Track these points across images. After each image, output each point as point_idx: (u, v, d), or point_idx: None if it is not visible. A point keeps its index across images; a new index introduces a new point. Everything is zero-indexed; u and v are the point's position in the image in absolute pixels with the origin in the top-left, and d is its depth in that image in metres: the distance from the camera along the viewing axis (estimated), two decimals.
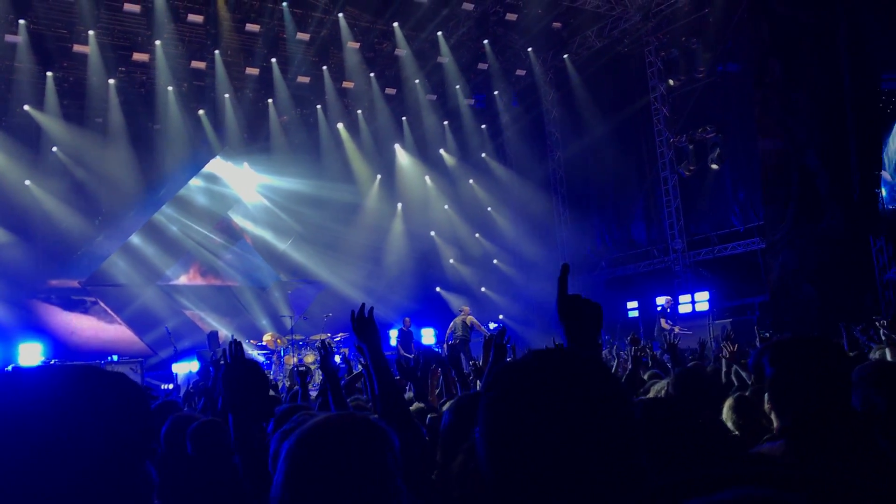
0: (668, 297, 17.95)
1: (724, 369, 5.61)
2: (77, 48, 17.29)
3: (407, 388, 5.25)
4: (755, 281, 17.64)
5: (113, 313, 19.18)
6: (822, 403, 2.13)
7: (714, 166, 18.73)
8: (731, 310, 17.93)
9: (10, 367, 13.98)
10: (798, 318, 14.28)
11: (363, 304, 3.13)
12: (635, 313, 19.16)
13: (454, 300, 22.59)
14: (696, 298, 17.96)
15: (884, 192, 15.24)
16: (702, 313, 17.48)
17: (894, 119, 15.85)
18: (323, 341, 5.01)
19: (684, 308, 17.94)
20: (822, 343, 2.29)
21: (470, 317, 17.16)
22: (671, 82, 19.76)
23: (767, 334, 8.05)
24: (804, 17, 15.02)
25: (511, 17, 19.65)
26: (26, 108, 17.87)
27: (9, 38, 16.51)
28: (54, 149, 18.28)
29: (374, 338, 3.04)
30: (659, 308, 17.78)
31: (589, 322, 2.08)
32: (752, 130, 16.78)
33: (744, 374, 5.32)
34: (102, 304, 19.18)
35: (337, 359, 15.08)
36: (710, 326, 16.25)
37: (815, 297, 14.37)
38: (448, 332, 17.10)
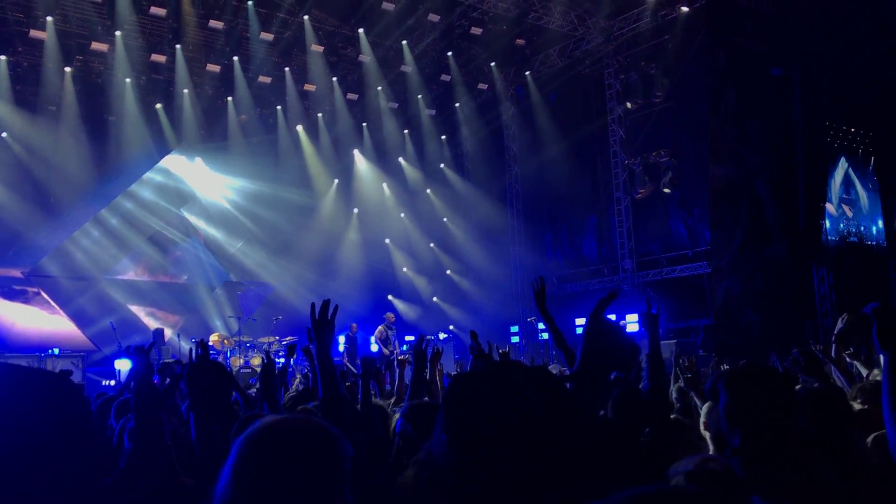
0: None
1: (673, 393, 5.76)
2: (34, 34, 16.93)
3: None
4: (701, 304, 18.02)
5: (56, 305, 18.75)
6: (770, 427, 2.31)
7: (666, 190, 19.12)
8: (675, 331, 18.27)
9: None
10: (740, 342, 14.63)
11: (327, 301, 3.09)
12: (580, 330, 19.39)
13: (405, 309, 22.61)
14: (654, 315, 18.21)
15: (827, 223, 15.73)
16: (636, 334, 17.75)
17: (840, 153, 16.39)
18: (267, 351, 5.02)
19: (631, 327, 18.20)
20: (772, 372, 2.50)
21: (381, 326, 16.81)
22: (629, 105, 20.15)
23: (718, 362, 8.23)
24: (759, 48, 15.49)
25: (476, 31, 19.83)
26: None
27: None
28: (4, 134, 17.87)
29: (327, 340, 3.04)
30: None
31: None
32: (704, 156, 17.20)
33: (697, 401, 5.44)
34: (45, 296, 18.74)
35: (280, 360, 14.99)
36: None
37: (756, 322, 14.74)
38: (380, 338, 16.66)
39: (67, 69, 17.98)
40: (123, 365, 15.12)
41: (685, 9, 18.19)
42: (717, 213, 16.30)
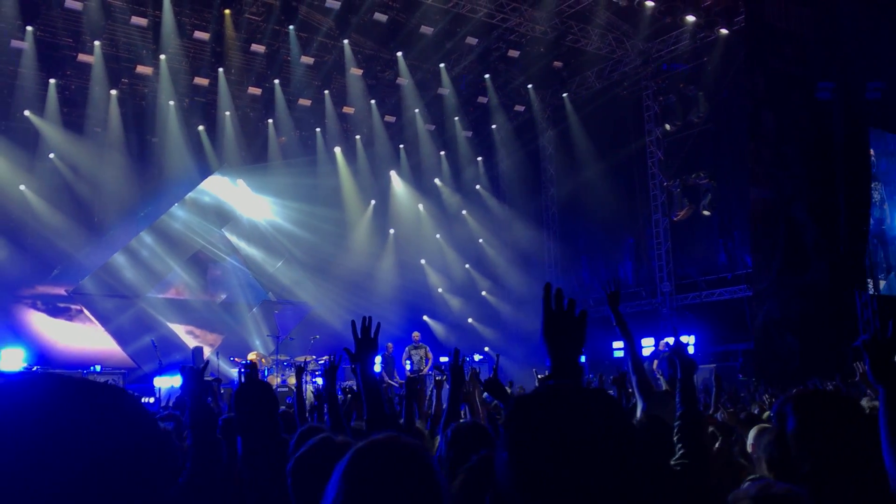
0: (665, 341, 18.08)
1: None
2: (82, 57, 17.42)
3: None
4: (741, 328, 17.76)
5: (98, 323, 19.10)
6: (843, 453, 2.26)
7: (706, 212, 18.95)
8: (715, 355, 18.03)
9: None
10: (781, 367, 14.39)
11: (369, 318, 3.12)
12: (621, 353, 19.19)
13: (440, 329, 22.62)
14: (682, 342, 17.99)
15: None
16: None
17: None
18: (301, 365, 5.08)
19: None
20: (840, 397, 2.45)
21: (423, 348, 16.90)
22: (667, 127, 20.05)
23: (756, 386, 8.14)
24: (798, 71, 15.34)
25: (513, 53, 19.93)
26: (27, 113, 17.94)
27: (15, 43, 16.62)
28: (51, 155, 18.33)
29: (370, 358, 3.08)
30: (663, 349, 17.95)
31: (571, 343, 2.16)
32: (744, 179, 17.02)
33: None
34: (87, 313, 19.10)
35: (319, 381, 15.08)
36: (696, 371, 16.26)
37: (797, 347, 14.49)
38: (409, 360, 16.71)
39: (113, 92, 18.43)
40: (163, 382, 15.35)
41: (724, 31, 18.11)
42: (756, 236, 16.11)
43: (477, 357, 20.24)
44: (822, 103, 14.82)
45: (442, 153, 23.30)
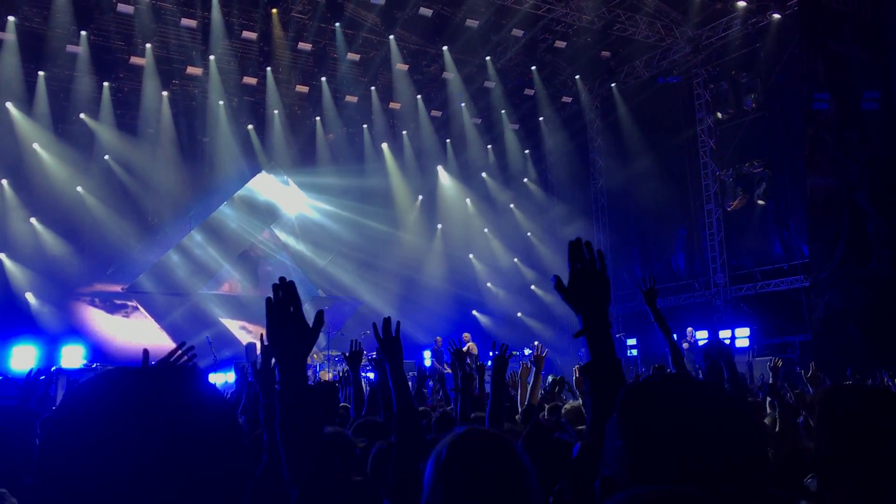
0: (690, 329, 17.79)
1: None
2: (134, 60, 17.74)
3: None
4: (797, 319, 17.35)
5: (153, 320, 19.46)
6: (858, 444, 2.24)
7: (760, 202, 18.53)
8: (770, 347, 17.63)
9: (53, 368, 14.26)
10: (842, 359, 14.00)
11: (388, 319, 3.14)
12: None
13: (489, 323, 22.54)
14: (737, 334, 17.68)
15: None
16: (741, 349, 17.20)
17: None
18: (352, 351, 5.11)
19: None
20: (868, 390, 2.46)
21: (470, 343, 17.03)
22: (719, 115, 19.64)
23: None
24: (858, 54, 14.89)
25: (560, 44, 19.73)
26: (82, 116, 18.35)
27: (70, 48, 17.00)
28: (106, 157, 18.72)
29: (397, 357, 3.08)
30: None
31: (599, 296, 2.22)
32: (799, 167, 16.60)
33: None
34: (143, 310, 19.48)
35: (370, 375, 15.14)
36: (751, 363, 15.97)
37: (859, 339, 14.08)
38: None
39: (164, 93, 18.75)
40: (217, 378, 15.56)
41: (777, 16, 17.66)
42: (815, 225, 15.67)
43: (527, 351, 20.11)
44: (884, 86, 14.34)
45: (489, 147, 23.20)
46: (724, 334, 17.66)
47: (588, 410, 2.17)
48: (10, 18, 16.31)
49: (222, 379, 15.23)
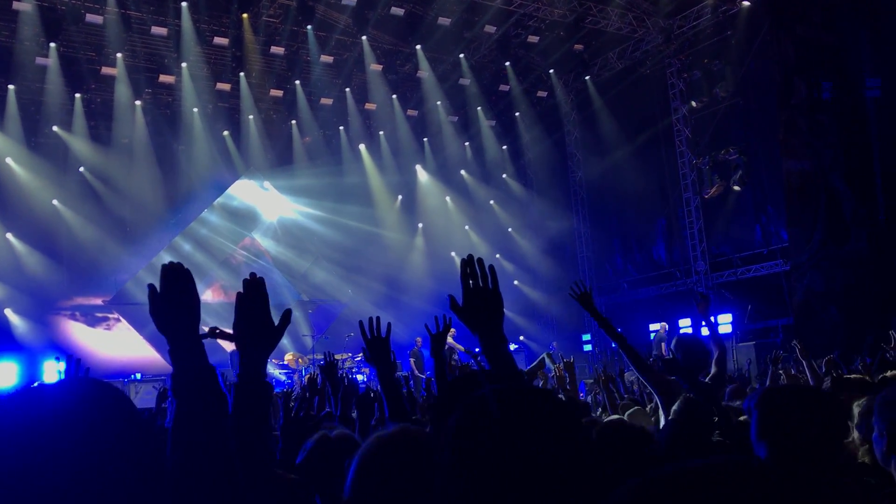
0: (664, 323, 17.97)
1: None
2: (105, 70, 17.59)
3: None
4: (779, 303, 17.48)
5: (135, 331, 19.31)
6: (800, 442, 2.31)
7: (737, 188, 18.67)
8: (754, 332, 17.77)
9: (35, 384, 14.13)
10: (825, 341, 14.13)
11: (376, 319, 3.08)
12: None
13: None
14: (719, 321, 17.80)
15: None
16: (724, 336, 17.30)
17: None
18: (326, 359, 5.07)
19: (707, 330, 17.78)
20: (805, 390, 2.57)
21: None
22: (693, 104, 19.77)
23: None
24: (827, 38, 15.02)
25: (533, 39, 19.77)
26: (55, 128, 18.17)
27: (39, 60, 16.81)
28: (81, 169, 18.55)
29: (385, 358, 3.06)
30: (654, 335, 17.95)
31: (492, 315, 2.20)
32: (775, 152, 16.73)
33: None
34: (125, 322, 19.32)
35: (360, 377, 15.13)
36: (734, 349, 16.08)
37: (841, 320, 14.22)
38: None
39: (137, 102, 18.59)
40: None
41: (747, 3, 17.79)
42: (792, 209, 15.80)
43: (512, 346, 20.14)
44: (854, 68, 14.48)
45: (466, 144, 23.21)
46: (724, 318, 17.74)
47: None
48: None
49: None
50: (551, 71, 21.72)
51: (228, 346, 18.99)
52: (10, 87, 17.15)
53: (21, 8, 15.75)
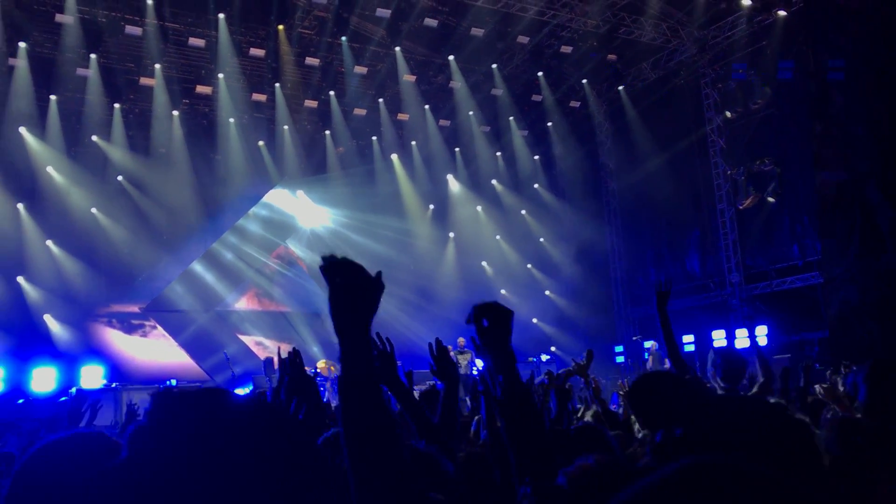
0: (654, 342, 17.97)
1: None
2: (144, 81, 17.95)
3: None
4: (815, 316, 17.24)
5: (171, 338, 19.59)
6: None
7: (771, 199, 18.47)
8: (789, 345, 17.52)
9: (73, 390, 14.39)
10: (861, 354, 13.89)
11: (439, 341, 3.19)
12: (691, 347, 18.82)
13: None
14: (755, 333, 17.57)
15: None
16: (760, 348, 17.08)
17: None
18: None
19: (741, 343, 17.59)
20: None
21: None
22: (728, 114, 19.60)
23: (834, 373, 7.84)
24: (864, 49, 14.82)
25: (566, 49, 19.78)
26: (94, 138, 18.54)
27: (80, 71, 17.22)
28: (119, 177, 18.89)
29: (393, 376, 3.15)
30: (648, 351, 18.01)
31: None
32: (810, 162, 16.53)
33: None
34: (161, 329, 19.61)
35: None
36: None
37: (878, 333, 13.98)
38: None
39: (175, 112, 18.92)
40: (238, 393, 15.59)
41: (782, 13, 17.64)
42: (826, 220, 15.58)
43: (544, 357, 20.10)
44: (890, 80, 14.27)
45: (498, 154, 23.24)
46: (741, 333, 17.57)
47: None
48: (21, 45, 16.55)
49: (241, 393, 15.29)
50: (584, 81, 21.69)
51: (262, 354, 19.21)
52: (52, 97, 17.55)
53: (63, 20, 16.16)
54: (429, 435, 3.02)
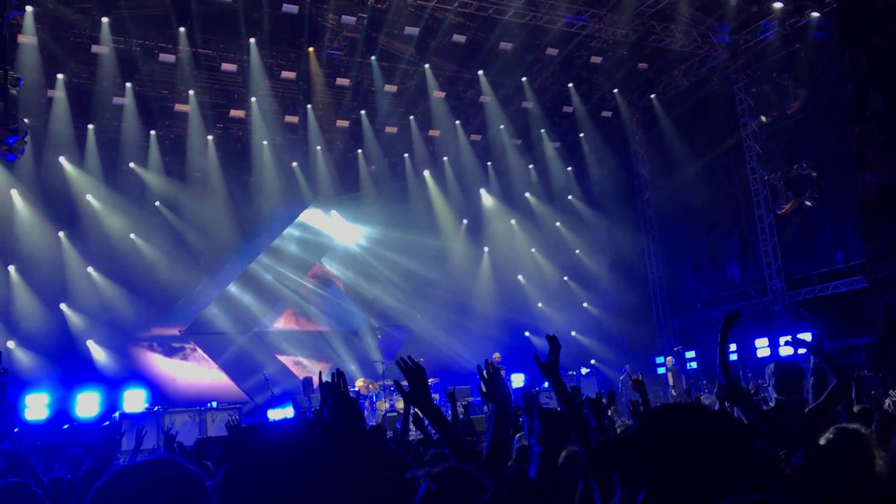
0: (671, 357, 18.31)
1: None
2: (178, 107, 18.22)
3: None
4: (860, 321, 16.85)
5: (211, 360, 19.75)
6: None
7: (809, 203, 18.14)
8: (835, 352, 17.13)
9: (116, 414, 14.55)
10: None
11: (409, 358, 3.15)
12: (734, 356, 18.49)
13: (544, 345, 22.31)
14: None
15: None
16: (804, 356, 16.70)
17: None
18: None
19: (786, 350, 17.23)
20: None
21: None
22: (763, 119, 19.32)
23: (884, 380, 7.63)
24: None
25: (595, 59, 19.67)
26: (132, 165, 18.84)
27: (116, 100, 17.54)
28: (157, 203, 19.16)
29: (425, 397, 3.10)
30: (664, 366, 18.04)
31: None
32: (850, 165, 16.21)
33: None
34: (201, 352, 19.79)
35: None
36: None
37: None
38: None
39: (209, 137, 19.17)
40: (276, 414, 15.69)
41: (815, 14, 17.37)
42: (868, 223, 15.23)
43: (584, 370, 19.90)
44: None
45: (531, 167, 23.16)
46: (784, 340, 17.16)
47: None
48: (60, 76, 16.89)
49: (281, 415, 15.35)
50: (615, 91, 21.55)
51: (300, 374, 19.28)
52: (90, 126, 17.90)
53: (99, 51, 16.48)
54: (464, 457, 2.97)
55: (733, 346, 18.49)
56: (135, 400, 16.54)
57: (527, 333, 22.64)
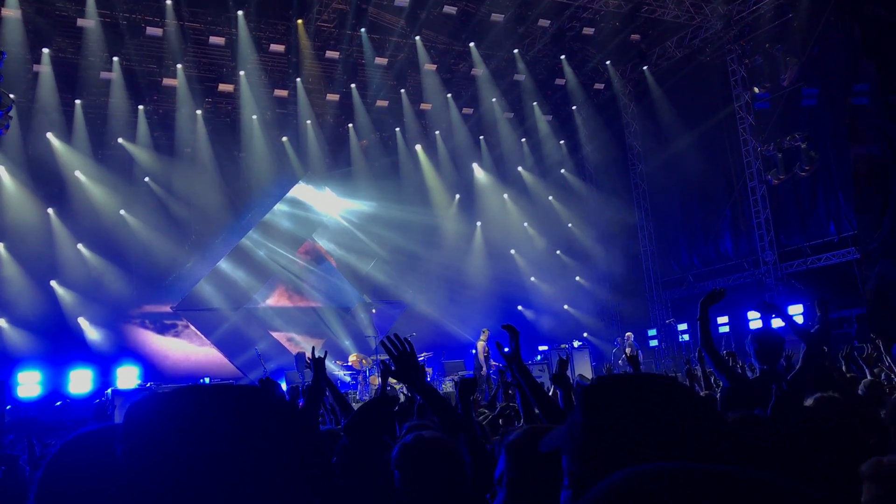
0: (630, 333, 18.22)
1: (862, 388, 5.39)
2: (166, 82, 18.01)
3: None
4: (852, 292, 16.89)
5: (203, 336, 19.71)
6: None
7: (803, 174, 18.11)
8: (828, 322, 17.16)
9: (109, 391, 14.53)
10: None
11: (399, 336, 3.14)
12: (726, 328, 18.57)
13: (536, 318, 22.39)
14: (790, 312, 17.24)
15: None
16: (797, 327, 16.77)
17: None
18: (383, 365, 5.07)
19: (777, 322, 17.28)
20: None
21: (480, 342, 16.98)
22: (756, 90, 19.22)
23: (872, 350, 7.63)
24: (894, 18, 14.44)
25: (588, 31, 19.50)
26: (120, 141, 18.66)
27: (104, 75, 17.32)
28: (146, 179, 19.00)
29: (414, 372, 3.09)
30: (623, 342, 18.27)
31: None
32: (843, 136, 16.16)
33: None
34: (193, 328, 19.74)
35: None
36: None
37: None
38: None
39: (198, 112, 18.97)
40: None
41: None
42: (861, 194, 15.24)
43: (576, 343, 19.94)
44: None
45: (523, 140, 23.05)
46: (795, 310, 17.18)
47: None
48: (45, 50, 16.66)
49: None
50: (608, 62, 21.41)
51: (293, 349, 19.27)
52: (77, 102, 17.68)
53: (85, 25, 16.24)
54: (452, 429, 2.96)
55: (725, 319, 18.57)
56: (128, 376, 16.52)
57: (519, 307, 22.69)
